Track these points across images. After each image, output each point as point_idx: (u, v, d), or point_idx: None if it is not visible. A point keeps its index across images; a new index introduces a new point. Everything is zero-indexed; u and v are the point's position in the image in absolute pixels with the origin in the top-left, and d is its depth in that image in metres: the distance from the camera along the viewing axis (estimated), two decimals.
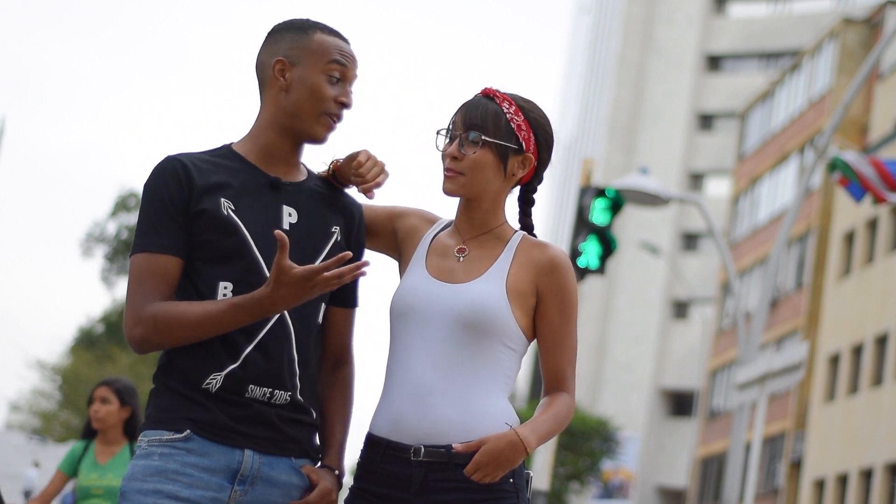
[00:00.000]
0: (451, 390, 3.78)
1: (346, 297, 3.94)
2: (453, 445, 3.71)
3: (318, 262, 3.78)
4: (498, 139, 3.86)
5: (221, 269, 3.74)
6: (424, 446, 3.76)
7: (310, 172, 3.94)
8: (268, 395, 3.73)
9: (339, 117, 3.82)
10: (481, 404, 3.78)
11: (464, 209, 3.93)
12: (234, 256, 3.74)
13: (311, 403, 3.84)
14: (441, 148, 3.89)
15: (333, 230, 3.87)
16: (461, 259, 3.90)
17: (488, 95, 3.91)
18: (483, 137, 3.85)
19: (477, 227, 3.93)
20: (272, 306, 3.62)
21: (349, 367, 3.97)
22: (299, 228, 3.81)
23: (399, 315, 3.87)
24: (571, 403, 3.86)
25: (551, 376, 3.90)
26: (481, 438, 3.68)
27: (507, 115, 3.88)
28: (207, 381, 3.70)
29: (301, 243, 3.79)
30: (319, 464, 3.87)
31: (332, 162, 3.96)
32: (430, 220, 4.03)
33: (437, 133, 3.92)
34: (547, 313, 3.86)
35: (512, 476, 3.77)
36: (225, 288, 3.72)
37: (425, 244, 3.96)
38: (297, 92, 3.81)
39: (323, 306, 3.84)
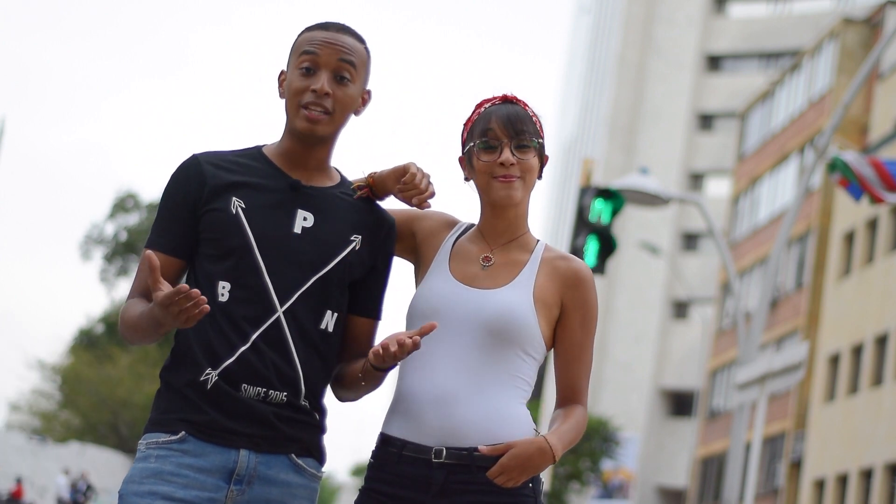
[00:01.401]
0: (475, 394, 3.77)
1: (369, 308, 3.95)
2: (479, 448, 3.71)
3: (330, 267, 3.81)
4: (541, 141, 3.90)
5: (221, 268, 3.77)
6: (447, 448, 3.74)
7: (342, 179, 3.94)
8: (262, 394, 3.74)
9: (318, 106, 3.80)
10: (504, 409, 3.78)
11: (491, 216, 3.92)
12: (234, 256, 3.76)
13: (315, 408, 3.83)
14: (485, 160, 3.86)
15: (353, 238, 3.85)
16: (486, 267, 3.89)
17: (511, 101, 3.92)
18: (536, 140, 3.87)
19: (504, 234, 3.92)
20: (154, 318, 3.62)
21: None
22: (313, 233, 3.81)
23: (422, 317, 3.85)
24: (586, 415, 3.90)
25: (567, 388, 3.91)
26: (509, 442, 3.69)
27: (535, 120, 3.91)
28: (203, 376, 3.72)
29: (313, 248, 3.80)
30: None
31: (368, 176, 3.95)
32: (451, 223, 4.02)
33: (475, 146, 3.88)
34: (569, 326, 3.88)
35: (532, 481, 3.78)
36: (223, 287, 3.75)
37: (447, 248, 3.95)
38: (286, 95, 3.87)
39: (330, 314, 3.83)
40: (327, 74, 3.80)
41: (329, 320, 3.83)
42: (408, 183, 3.87)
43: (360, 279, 3.89)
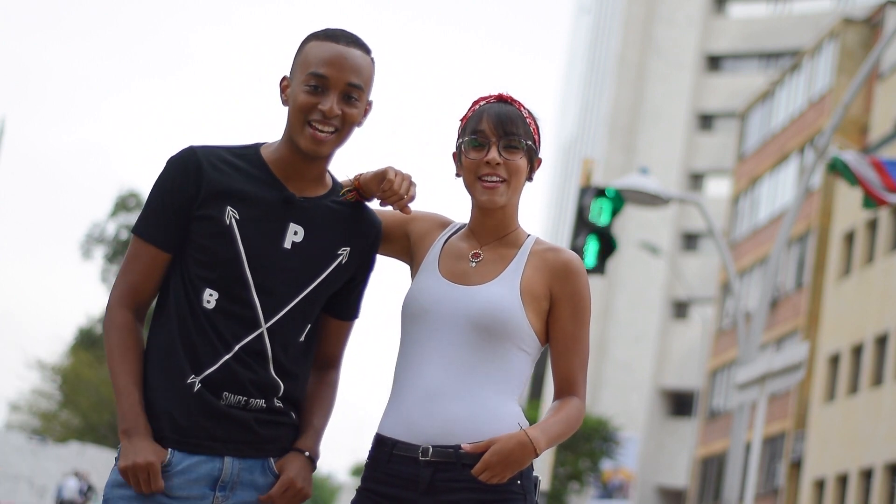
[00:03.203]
0: (462, 391, 3.78)
1: (346, 311, 3.97)
2: (462, 445, 3.71)
3: (316, 284, 3.82)
4: (530, 143, 3.89)
5: (210, 276, 3.77)
6: (433, 446, 3.75)
7: (334, 184, 3.92)
8: (242, 402, 3.77)
9: (326, 125, 3.77)
10: (492, 406, 3.78)
11: (480, 214, 3.92)
12: (223, 267, 3.77)
13: (291, 407, 3.86)
14: (473, 157, 3.86)
15: (340, 252, 3.86)
16: (475, 264, 3.89)
17: (506, 100, 3.92)
18: (525, 142, 3.86)
19: (493, 232, 3.92)
20: (119, 411, 3.76)
21: (336, 371, 4.01)
22: (302, 249, 3.81)
23: (411, 316, 3.88)
24: (582, 408, 3.86)
25: (563, 381, 3.89)
26: (491, 438, 3.69)
27: (528, 120, 3.91)
28: (189, 380, 3.74)
29: (302, 264, 3.81)
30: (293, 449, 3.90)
31: (354, 178, 3.94)
32: (443, 223, 4.03)
33: (464, 143, 3.89)
34: (560, 318, 3.86)
35: (520, 478, 3.77)
36: (210, 296, 3.77)
37: (438, 247, 3.96)
38: (289, 106, 3.84)
39: (308, 327, 3.86)
40: (336, 95, 3.78)
41: (307, 331, 3.87)
42: (386, 190, 3.86)
43: (340, 286, 3.92)
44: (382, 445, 3.83)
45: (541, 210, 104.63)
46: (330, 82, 3.77)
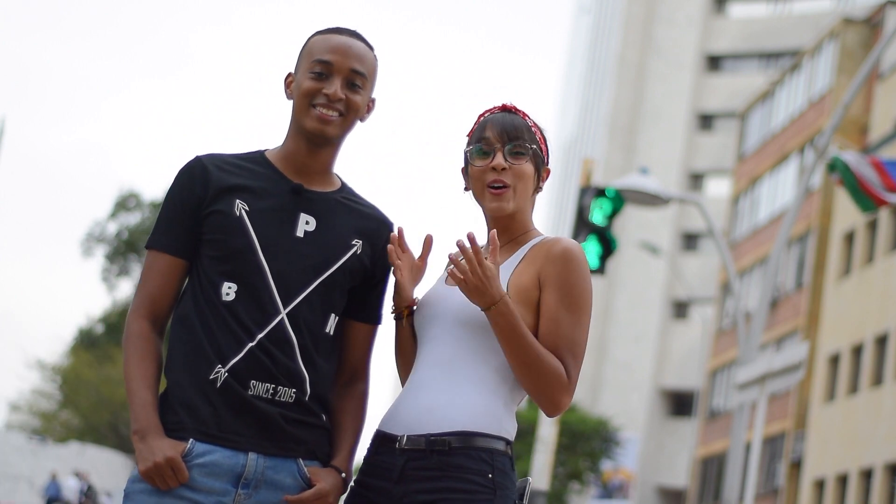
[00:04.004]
0: (442, 384, 3.80)
1: (368, 313, 3.97)
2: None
3: (332, 270, 3.83)
4: (535, 148, 3.90)
5: (226, 269, 3.79)
6: (407, 435, 3.78)
7: (343, 185, 3.96)
8: (271, 391, 3.75)
9: (330, 108, 3.82)
10: (471, 399, 3.78)
11: (491, 222, 3.94)
12: (238, 257, 3.78)
13: (321, 408, 3.85)
14: (479, 165, 3.89)
15: (354, 243, 3.88)
16: None
17: (510, 110, 3.95)
18: (531, 146, 3.88)
19: (502, 236, 3.92)
20: (133, 416, 3.73)
21: (364, 383, 4.00)
22: (316, 237, 3.84)
23: (417, 322, 3.93)
24: (560, 368, 3.74)
25: None
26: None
27: (533, 129, 3.93)
28: (213, 374, 3.74)
29: (316, 251, 3.82)
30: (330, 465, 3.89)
31: (405, 309, 4.01)
32: None
33: (470, 153, 3.92)
34: (546, 300, 3.80)
35: (491, 472, 3.74)
36: (229, 288, 3.78)
37: None
38: (294, 95, 3.89)
39: (333, 317, 3.86)
40: (340, 80, 3.84)
41: (332, 323, 3.86)
42: (398, 252, 3.95)
43: (360, 284, 3.92)
44: (374, 438, 3.89)
45: (541, 210, 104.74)
46: (334, 68, 3.84)
